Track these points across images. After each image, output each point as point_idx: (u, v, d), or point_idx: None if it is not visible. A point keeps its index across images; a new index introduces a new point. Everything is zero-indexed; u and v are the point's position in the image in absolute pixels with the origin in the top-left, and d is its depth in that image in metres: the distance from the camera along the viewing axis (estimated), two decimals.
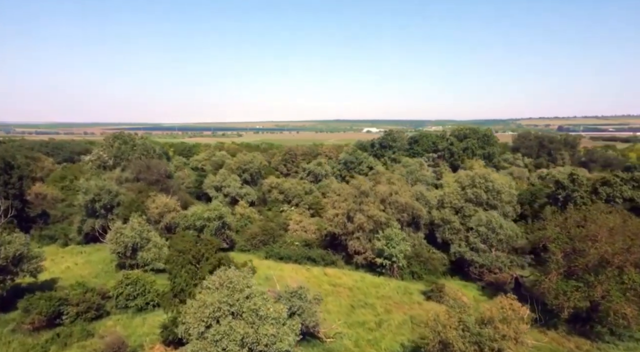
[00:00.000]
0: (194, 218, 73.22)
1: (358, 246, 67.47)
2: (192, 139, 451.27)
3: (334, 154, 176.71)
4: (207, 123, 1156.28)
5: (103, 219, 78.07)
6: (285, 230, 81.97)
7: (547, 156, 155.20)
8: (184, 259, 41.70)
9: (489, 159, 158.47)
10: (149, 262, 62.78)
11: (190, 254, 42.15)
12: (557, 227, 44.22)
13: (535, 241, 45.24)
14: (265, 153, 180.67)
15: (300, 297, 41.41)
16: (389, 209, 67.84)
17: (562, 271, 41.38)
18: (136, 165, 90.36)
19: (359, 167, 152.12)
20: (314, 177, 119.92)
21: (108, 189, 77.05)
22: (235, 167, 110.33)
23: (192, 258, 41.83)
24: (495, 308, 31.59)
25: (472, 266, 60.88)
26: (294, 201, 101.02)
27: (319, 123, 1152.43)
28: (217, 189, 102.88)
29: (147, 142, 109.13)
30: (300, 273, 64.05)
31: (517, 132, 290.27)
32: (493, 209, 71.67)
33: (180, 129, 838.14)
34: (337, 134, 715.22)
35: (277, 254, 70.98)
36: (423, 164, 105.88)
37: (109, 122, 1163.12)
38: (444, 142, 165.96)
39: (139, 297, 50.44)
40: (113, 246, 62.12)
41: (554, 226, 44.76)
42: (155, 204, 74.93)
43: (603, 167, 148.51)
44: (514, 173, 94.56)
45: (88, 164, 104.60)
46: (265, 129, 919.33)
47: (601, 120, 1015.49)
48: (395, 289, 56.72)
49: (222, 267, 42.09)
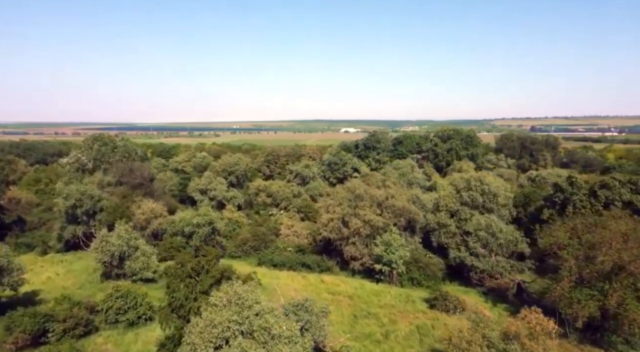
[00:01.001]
0: (182, 224, 70.34)
1: (354, 252, 65.68)
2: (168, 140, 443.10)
3: (318, 155, 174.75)
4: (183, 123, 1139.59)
5: (85, 226, 74.52)
6: (276, 235, 79.59)
7: (529, 157, 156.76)
8: (183, 272, 39.13)
9: (473, 160, 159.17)
10: (137, 272, 59.77)
11: (189, 266, 39.58)
12: (567, 233, 43.34)
13: (544, 247, 44.22)
14: (247, 154, 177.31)
15: (307, 310, 39.35)
16: (385, 214, 66.26)
17: (574, 278, 40.43)
18: (118, 168, 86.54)
19: (343, 168, 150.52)
20: (301, 179, 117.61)
21: (90, 194, 73.43)
22: (221, 169, 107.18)
23: (191, 270, 39.27)
24: (519, 322, 30.19)
25: (472, 271, 59.77)
26: (282, 204, 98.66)
27: (296, 123, 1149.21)
28: (202, 193, 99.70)
29: (128, 144, 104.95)
30: (297, 281, 61.92)
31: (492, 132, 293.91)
32: (489, 212, 70.86)
33: (155, 129, 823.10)
34: (315, 134, 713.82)
35: (270, 261, 68.65)
36: (414, 166, 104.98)
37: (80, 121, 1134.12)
38: (428, 143, 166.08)
39: (130, 310, 47.52)
40: (98, 255, 58.82)
41: (564, 232, 43.86)
42: (141, 209, 71.68)
43: (583, 168, 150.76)
44: (503, 175, 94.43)
45: (66, 166, 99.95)
46: (242, 129, 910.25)
47: (571, 121, 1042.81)
48: (396, 297, 55.14)
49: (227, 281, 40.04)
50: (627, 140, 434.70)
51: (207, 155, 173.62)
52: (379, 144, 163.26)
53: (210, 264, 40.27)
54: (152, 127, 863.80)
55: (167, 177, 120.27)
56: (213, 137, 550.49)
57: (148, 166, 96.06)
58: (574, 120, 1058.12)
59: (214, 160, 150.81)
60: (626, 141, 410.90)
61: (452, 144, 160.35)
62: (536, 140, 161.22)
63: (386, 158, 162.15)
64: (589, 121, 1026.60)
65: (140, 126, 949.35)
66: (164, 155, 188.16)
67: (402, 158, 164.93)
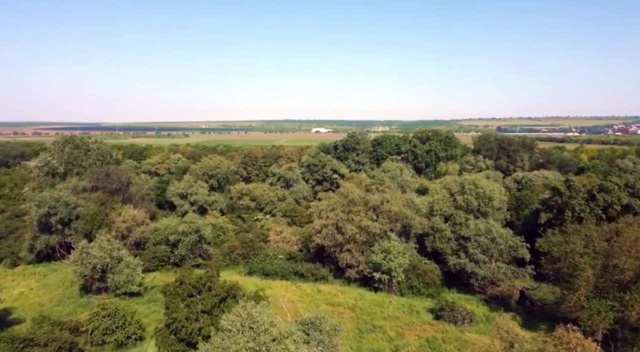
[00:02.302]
0: (167, 232, 66.32)
1: (350, 259, 63.30)
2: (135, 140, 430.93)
3: (296, 156, 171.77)
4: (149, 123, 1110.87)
5: (59, 235, 69.51)
6: (264, 242, 76.44)
7: (507, 158, 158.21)
8: (183, 290, 35.75)
9: (452, 161, 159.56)
10: (121, 285, 55.55)
11: (189, 283, 36.23)
12: (582, 241, 42.21)
13: (560, 255, 42.95)
14: (223, 156, 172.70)
15: (318, 328, 36.71)
16: (381, 219, 64.15)
17: (591, 288, 39.27)
18: (94, 173, 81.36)
19: (322, 170, 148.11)
20: (284, 182, 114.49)
21: (65, 200, 68.40)
22: (201, 173, 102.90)
23: (192, 288, 35.94)
24: (556, 342, 28.29)
25: (472, 278, 58.29)
26: (266, 208, 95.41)
27: (266, 123, 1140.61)
28: (182, 197, 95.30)
29: (102, 147, 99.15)
30: (291, 291, 59.03)
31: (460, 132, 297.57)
32: (484, 216, 69.84)
33: (121, 129, 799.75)
34: (286, 134, 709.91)
35: (261, 270, 65.44)
36: (403, 169, 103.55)
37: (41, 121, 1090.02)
38: (407, 145, 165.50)
39: (118, 330, 43.52)
40: (79, 268, 54.30)
41: (579, 240, 42.72)
42: (122, 217, 67.22)
43: (559, 168, 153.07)
44: (489, 177, 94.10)
45: (34, 170, 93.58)
46: (211, 129, 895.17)
47: (534, 121, 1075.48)
48: (399, 308, 52.96)
49: (233, 299, 36.89)
50: (590, 140, 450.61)
51: (182, 157, 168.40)
52: (359, 145, 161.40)
53: (212, 280, 37.03)
54: (117, 127, 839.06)
55: (143, 180, 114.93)
56: (182, 138, 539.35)
57: (125, 170, 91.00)
58: (537, 121, 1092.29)
59: (189, 162, 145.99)
60: (589, 141, 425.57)
61: (431, 145, 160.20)
62: (513, 142, 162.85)
63: (366, 159, 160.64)
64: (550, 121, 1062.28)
65: (105, 126, 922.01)
66: (135, 157, 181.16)
67: (381, 159, 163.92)
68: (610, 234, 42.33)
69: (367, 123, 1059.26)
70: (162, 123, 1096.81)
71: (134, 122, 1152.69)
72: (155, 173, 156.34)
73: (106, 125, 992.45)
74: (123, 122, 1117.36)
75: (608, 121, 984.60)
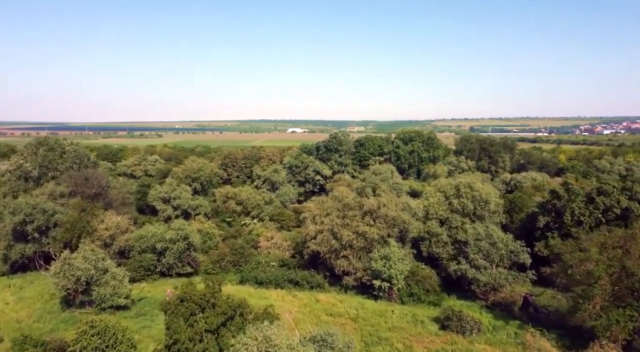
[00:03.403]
0: (154, 240, 62.89)
1: (347, 266, 61.19)
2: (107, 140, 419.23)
3: (278, 157, 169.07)
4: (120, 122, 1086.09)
5: (37, 244, 65.22)
6: (255, 248, 73.66)
7: (488, 159, 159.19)
8: (186, 309, 32.92)
9: (434, 162, 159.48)
10: (107, 299, 52.01)
11: (192, 300, 33.43)
12: (596, 248, 41.23)
13: (574, 263, 41.87)
14: (202, 157, 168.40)
15: (330, 346, 34.53)
16: (378, 224, 62.28)
17: (607, 296, 38.32)
18: (72, 177, 76.99)
19: (305, 171, 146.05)
20: (270, 185, 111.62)
21: (42, 207, 64.20)
22: (184, 175, 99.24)
23: (195, 306, 33.15)
24: None
25: (473, 284, 56.99)
26: (253, 212, 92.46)
27: (241, 123, 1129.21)
28: (164, 201, 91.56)
29: (79, 149, 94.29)
30: (288, 301, 56.51)
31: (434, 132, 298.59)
32: (480, 219, 68.98)
33: (91, 128, 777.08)
34: (262, 134, 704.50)
35: (254, 278, 62.70)
36: (394, 171, 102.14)
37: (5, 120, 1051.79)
38: (390, 146, 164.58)
39: (108, 350, 40.30)
40: (61, 281, 50.54)
41: (594, 247, 41.71)
42: (105, 224, 63.45)
43: (540, 169, 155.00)
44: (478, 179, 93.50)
45: (5, 174, 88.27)
46: (185, 129, 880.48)
47: (505, 122, 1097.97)
48: (402, 317, 51.08)
49: (240, 317, 34.31)
50: (560, 140, 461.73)
51: (159, 159, 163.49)
52: (341, 146, 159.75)
53: (215, 296, 34.31)
54: (87, 127, 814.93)
55: (121, 183, 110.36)
56: (155, 138, 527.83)
57: (105, 174, 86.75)
58: (507, 121, 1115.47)
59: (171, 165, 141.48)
60: (560, 141, 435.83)
61: (413, 146, 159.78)
62: (494, 143, 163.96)
63: (348, 161, 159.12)
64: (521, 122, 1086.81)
65: (74, 126, 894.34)
66: (110, 159, 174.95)
67: (364, 160, 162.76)
68: (625, 239, 41.57)
69: (343, 123, 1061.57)
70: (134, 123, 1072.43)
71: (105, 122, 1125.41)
72: (131, 175, 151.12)
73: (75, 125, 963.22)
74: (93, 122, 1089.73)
75: (575, 122, 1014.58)
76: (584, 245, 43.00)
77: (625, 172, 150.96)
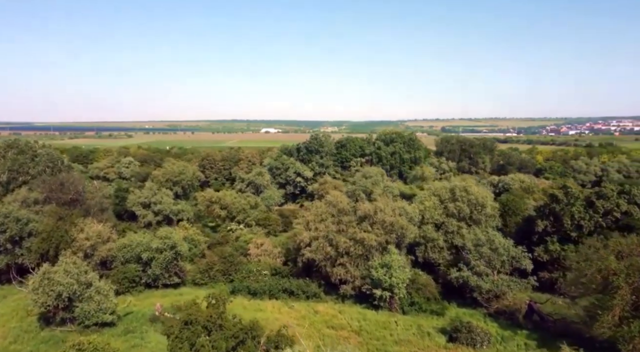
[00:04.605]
0: (139, 249, 59.09)
1: (344, 274, 58.86)
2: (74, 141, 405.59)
3: (257, 159, 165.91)
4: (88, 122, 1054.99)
5: (9, 256, 60.47)
6: (244, 255, 70.57)
7: (468, 160, 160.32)
8: (192, 333, 29.90)
9: (416, 163, 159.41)
10: (91, 315, 48.08)
11: (198, 322, 30.43)
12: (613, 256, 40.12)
13: (592, 273, 40.61)
14: (179, 159, 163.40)
15: None
16: (376, 230, 60.17)
17: (627, 307, 37.22)
18: (46, 182, 72.11)
19: (285, 173, 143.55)
20: (254, 188, 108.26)
21: (16, 216, 59.53)
22: (164, 179, 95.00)
23: (202, 329, 30.17)
24: None
25: (475, 291, 55.49)
26: (238, 217, 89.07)
27: (213, 123, 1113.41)
28: (145, 206, 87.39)
29: (52, 152, 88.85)
30: (285, 313, 53.61)
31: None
32: (476, 224, 67.87)
33: (56, 129, 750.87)
34: (235, 134, 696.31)
35: (246, 289, 59.60)
36: (384, 174, 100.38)
37: None
38: (371, 147, 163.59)
39: None
40: (40, 297, 46.34)
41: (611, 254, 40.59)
42: (85, 233, 59.23)
43: (519, 170, 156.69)
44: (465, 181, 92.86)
45: None
46: (156, 129, 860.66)
47: (474, 122, 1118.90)
48: (407, 329, 48.91)
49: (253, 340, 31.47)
50: (530, 140, 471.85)
51: (134, 161, 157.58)
52: (322, 147, 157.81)
53: (222, 317, 31.41)
54: (52, 127, 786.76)
55: (96, 187, 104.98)
56: (125, 138, 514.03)
57: (82, 178, 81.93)
58: (477, 122, 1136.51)
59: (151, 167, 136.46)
60: (530, 142, 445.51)
61: (395, 147, 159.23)
62: (474, 144, 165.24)
63: (330, 162, 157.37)
64: (490, 122, 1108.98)
65: (38, 126, 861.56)
66: (81, 161, 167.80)
67: (345, 162, 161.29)
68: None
69: (316, 123, 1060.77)
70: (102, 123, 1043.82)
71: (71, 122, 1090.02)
72: (104, 178, 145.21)
73: (39, 125, 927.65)
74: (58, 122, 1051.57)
75: (541, 122, 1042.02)
76: (600, 252, 41.84)
77: (600, 172, 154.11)
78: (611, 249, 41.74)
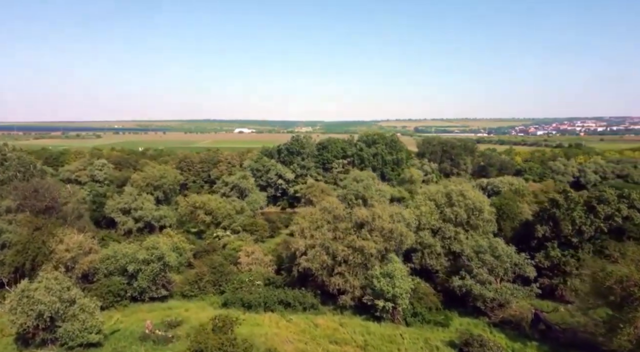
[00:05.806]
0: (124, 261, 55.30)
1: (343, 284, 56.44)
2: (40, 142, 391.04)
3: (237, 161, 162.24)
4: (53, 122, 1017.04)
5: None
6: (234, 264, 67.40)
7: (450, 161, 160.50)
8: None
9: (398, 165, 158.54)
10: (75, 336, 44.21)
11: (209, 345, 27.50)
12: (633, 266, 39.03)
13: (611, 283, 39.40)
14: (155, 161, 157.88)
15: None
16: (374, 237, 57.99)
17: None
18: (18, 188, 67.20)
19: (267, 175, 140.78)
20: (239, 192, 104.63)
21: None
22: (144, 183, 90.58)
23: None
24: None
25: (478, 300, 53.95)
26: (224, 223, 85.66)
27: (184, 123, 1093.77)
28: (124, 212, 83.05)
29: (23, 156, 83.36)
30: (283, 327, 50.73)
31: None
32: (473, 229, 66.65)
33: (20, 128, 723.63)
34: (208, 134, 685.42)
35: (240, 301, 56.44)
36: (375, 177, 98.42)
37: None
38: (353, 148, 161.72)
39: None
40: (19, 318, 42.32)
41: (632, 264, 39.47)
42: (65, 245, 55.02)
43: (500, 171, 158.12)
44: None
45: None
46: (126, 129, 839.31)
47: (446, 122, 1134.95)
48: (414, 343, 46.80)
49: None
50: (502, 141, 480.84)
51: (107, 163, 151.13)
52: (304, 149, 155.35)
53: (234, 343, 28.56)
54: (15, 126, 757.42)
55: (69, 192, 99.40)
56: (94, 139, 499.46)
57: (59, 184, 77.06)
58: (449, 122, 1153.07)
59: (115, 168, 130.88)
60: (502, 142, 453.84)
61: (377, 149, 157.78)
62: (455, 145, 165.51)
63: (311, 164, 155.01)
64: (461, 122, 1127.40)
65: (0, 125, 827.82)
66: (50, 163, 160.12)
67: (327, 163, 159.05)
68: None
69: (290, 123, 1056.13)
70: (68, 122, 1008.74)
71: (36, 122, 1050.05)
72: (76, 181, 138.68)
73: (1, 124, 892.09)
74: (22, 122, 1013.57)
75: (510, 123, 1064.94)
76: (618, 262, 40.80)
77: (578, 173, 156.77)
78: (633, 258, 40.65)
